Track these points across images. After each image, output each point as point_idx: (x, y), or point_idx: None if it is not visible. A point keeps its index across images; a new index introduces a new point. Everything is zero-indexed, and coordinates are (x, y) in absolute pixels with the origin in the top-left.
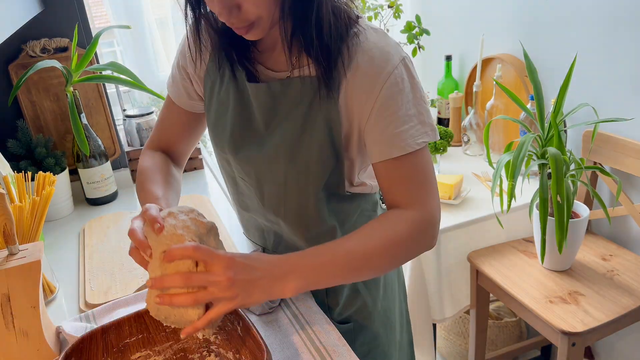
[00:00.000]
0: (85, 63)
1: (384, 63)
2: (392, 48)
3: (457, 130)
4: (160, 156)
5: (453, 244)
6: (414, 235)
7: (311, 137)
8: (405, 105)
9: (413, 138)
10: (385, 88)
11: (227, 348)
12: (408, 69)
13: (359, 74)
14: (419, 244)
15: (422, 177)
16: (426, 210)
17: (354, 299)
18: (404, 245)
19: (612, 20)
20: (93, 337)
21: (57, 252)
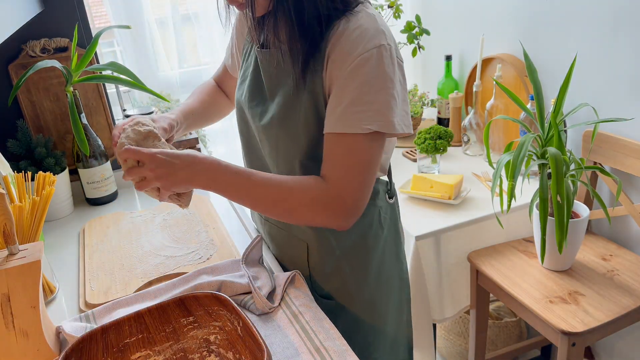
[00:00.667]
0: (85, 63)
1: (358, 45)
2: (373, 33)
3: (457, 130)
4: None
5: (453, 244)
6: (310, 202)
7: (299, 106)
8: (364, 89)
9: (360, 122)
10: (351, 67)
11: (227, 348)
12: (381, 57)
13: (337, 50)
14: (314, 214)
15: (353, 162)
16: (336, 190)
17: (335, 276)
18: (297, 204)
19: (612, 20)
20: (93, 337)
21: (57, 252)
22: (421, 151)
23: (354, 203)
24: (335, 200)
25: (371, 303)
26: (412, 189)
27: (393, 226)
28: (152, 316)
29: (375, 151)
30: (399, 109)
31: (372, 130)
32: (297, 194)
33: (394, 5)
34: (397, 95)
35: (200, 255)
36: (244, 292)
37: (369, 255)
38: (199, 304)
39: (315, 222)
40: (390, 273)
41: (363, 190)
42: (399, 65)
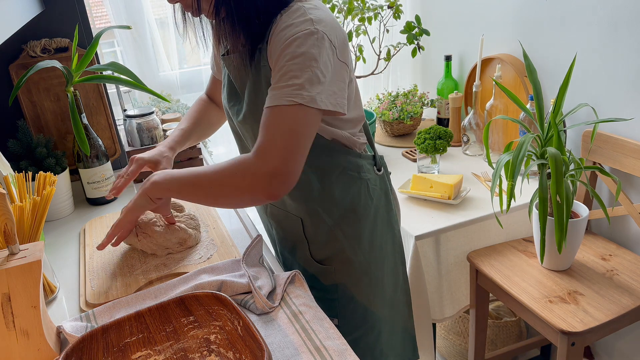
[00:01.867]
0: (86, 63)
1: (287, 32)
2: (303, 22)
3: (457, 130)
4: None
5: (453, 244)
6: (232, 172)
7: (261, 97)
8: (289, 67)
9: (286, 96)
10: (280, 49)
11: (227, 348)
12: (307, 38)
13: (273, 41)
14: (237, 184)
15: (279, 130)
16: (259, 158)
17: (332, 243)
18: (223, 178)
19: (612, 20)
20: (93, 336)
21: (57, 251)
22: (421, 151)
23: (278, 167)
24: (260, 167)
25: (367, 267)
26: (411, 188)
27: (384, 195)
28: (152, 316)
29: (300, 122)
30: (325, 87)
31: (294, 102)
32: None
33: (394, 6)
34: (322, 74)
35: (200, 255)
36: (244, 292)
37: (360, 224)
38: (199, 303)
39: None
40: (383, 238)
41: (288, 157)
42: (333, 49)
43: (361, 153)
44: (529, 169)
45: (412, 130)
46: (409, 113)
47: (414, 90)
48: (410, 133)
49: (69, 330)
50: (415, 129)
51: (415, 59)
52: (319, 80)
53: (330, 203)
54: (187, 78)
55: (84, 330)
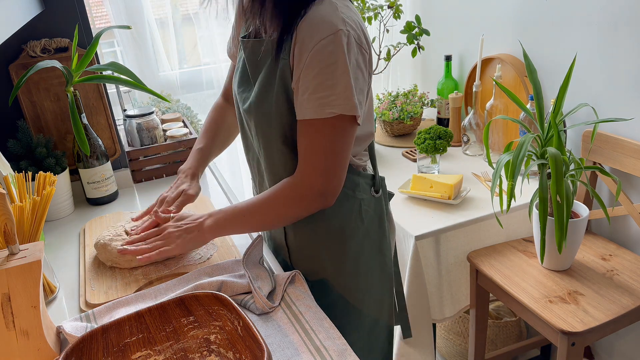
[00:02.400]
0: (86, 63)
1: (317, 32)
2: (332, 20)
3: (457, 131)
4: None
5: (453, 244)
6: (283, 201)
7: (271, 91)
8: (324, 75)
9: (322, 107)
10: (310, 55)
11: (227, 348)
12: (339, 42)
13: (299, 39)
14: (296, 209)
15: (317, 147)
16: (303, 181)
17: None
18: (276, 209)
19: (612, 20)
20: (93, 336)
21: (57, 252)
22: (421, 151)
23: (324, 186)
24: (305, 189)
25: (347, 290)
26: (412, 189)
27: (377, 219)
28: (152, 316)
29: (339, 134)
30: (358, 92)
31: (335, 113)
32: (275, 202)
33: (394, 6)
34: (356, 79)
35: (200, 255)
36: (244, 292)
37: (346, 245)
38: (199, 303)
39: (302, 214)
40: (370, 265)
41: (331, 173)
42: (361, 52)
43: (360, 171)
44: (529, 169)
45: (412, 130)
46: (409, 113)
47: (414, 90)
48: (410, 133)
49: (69, 330)
50: (415, 129)
51: (415, 59)
52: (355, 85)
53: (318, 218)
54: (187, 78)
55: (84, 330)
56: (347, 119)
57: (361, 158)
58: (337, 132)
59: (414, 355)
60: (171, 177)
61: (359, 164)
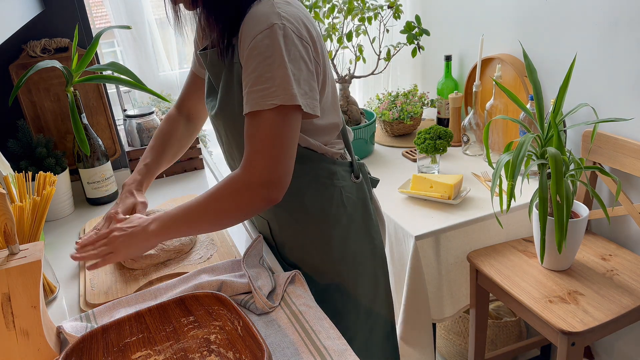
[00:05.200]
0: (86, 63)
1: (253, 27)
2: (267, 15)
3: (457, 131)
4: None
5: (453, 243)
6: (227, 194)
7: (232, 94)
8: (262, 68)
9: (263, 99)
10: (248, 49)
11: (227, 348)
12: (274, 35)
13: (241, 37)
14: (236, 203)
15: (261, 137)
16: (247, 171)
17: (300, 248)
18: (221, 202)
19: (612, 20)
20: (93, 336)
21: (57, 251)
22: (421, 151)
23: (268, 174)
24: (249, 182)
25: (338, 275)
26: (411, 189)
27: (361, 204)
28: (152, 316)
29: (282, 125)
30: (300, 84)
31: (275, 104)
32: (219, 197)
33: (394, 6)
34: (296, 70)
35: (200, 255)
36: (244, 292)
37: (329, 231)
38: (199, 303)
39: (249, 209)
40: (359, 249)
41: (275, 165)
42: (302, 44)
43: (336, 160)
44: (529, 169)
45: (412, 130)
46: (409, 113)
47: (414, 90)
48: (410, 133)
49: (69, 330)
50: (415, 129)
51: (415, 59)
52: (294, 77)
53: (298, 209)
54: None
55: (84, 330)
56: (290, 109)
57: (334, 146)
58: (279, 122)
59: (414, 355)
60: (171, 177)
61: (334, 152)
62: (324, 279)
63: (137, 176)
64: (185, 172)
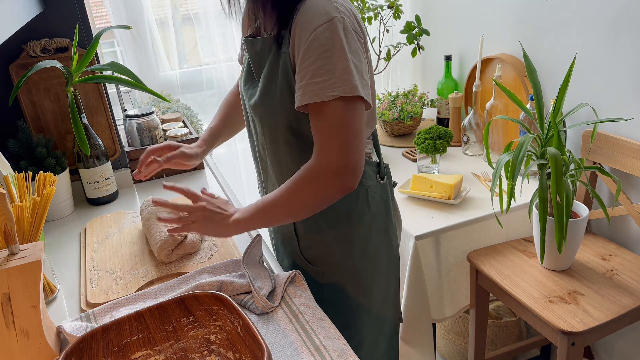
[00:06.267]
0: (86, 63)
1: (312, 20)
2: (326, 8)
3: (457, 130)
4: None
5: (453, 243)
6: (303, 184)
7: (275, 85)
8: (322, 60)
9: (324, 90)
10: (308, 42)
11: (227, 348)
12: (334, 27)
13: (297, 30)
14: (313, 193)
15: (329, 127)
16: (321, 160)
17: (322, 244)
18: (298, 193)
19: (612, 20)
20: (93, 336)
21: (57, 252)
22: (421, 151)
23: (341, 161)
24: (324, 170)
25: (356, 274)
26: (411, 188)
27: (383, 205)
28: (152, 316)
29: (347, 115)
30: (361, 75)
31: (336, 95)
32: (295, 188)
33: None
34: (356, 62)
35: (200, 255)
36: (244, 292)
37: (353, 230)
38: (199, 303)
39: (326, 198)
40: (377, 248)
41: (347, 151)
42: (357, 37)
43: (365, 159)
44: (529, 169)
45: (412, 130)
46: (409, 113)
47: (414, 90)
48: (410, 133)
49: (69, 330)
50: (415, 129)
51: (415, 59)
52: (356, 68)
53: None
54: (187, 78)
55: (84, 330)
56: (351, 100)
57: (366, 146)
58: (344, 112)
59: (414, 355)
60: (171, 177)
61: (365, 151)
62: (342, 278)
63: (201, 137)
64: (185, 172)
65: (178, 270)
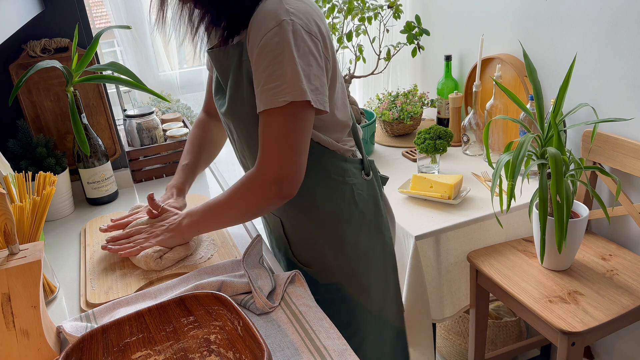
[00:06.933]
0: (86, 63)
1: (262, 25)
2: (276, 11)
3: (457, 130)
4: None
5: (453, 243)
6: (244, 192)
7: (241, 92)
8: (273, 66)
9: (276, 95)
10: (259, 48)
11: (227, 348)
12: (284, 32)
13: (250, 36)
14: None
15: (274, 135)
16: (259, 170)
17: (312, 245)
18: (240, 200)
19: (612, 20)
20: (93, 336)
21: (57, 252)
22: (421, 151)
23: (279, 171)
24: (261, 176)
25: (351, 272)
26: (411, 188)
27: (372, 201)
28: (152, 316)
29: (293, 121)
30: (310, 80)
31: (286, 101)
32: (237, 194)
33: (394, 6)
34: (306, 66)
35: (200, 255)
36: (244, 292)
37: (342, 228)
38: (199, 303)
39: (262, 205)
40: (370, 245)
41: (286, 158)
42: (312, 39)
43: (347, 157)
44: (529, 169)
45: (412, 130)
46: (409, 113)
47: (414, 90)
48: (410, 133)
49: (69, 330)
50: (415, 129)
51: (415, 59)
52: (304, 72)
53: (310, 206)
54: (187, 78)
55: (84, 330)
56: (301, 105)
57: (345, 144)
58: (291, 119)
59: (414, 355)
60: (171, 177)
61: (345, 149)
62: (336, 277)
63: (180, 178)
64: None
65: (178, 271)
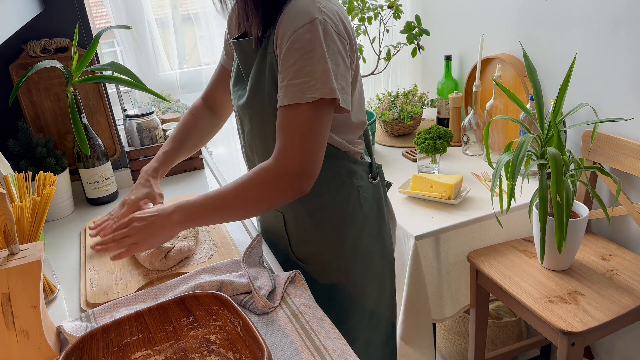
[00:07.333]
0: (86, 63)
1: (294, 21)
2: (309, 9)
3: (457, 130)
4: (193, 110)
5: (453, 243)
6: (258, 184)
7: (262, 85)
8: (303, 61)
9: (304, 91)
10: (289, 42)
11: (227, 348)
12: (316, 30)
13: (280, 30)
14: (266, 193)
15: (298, 129)
16: (279, 162)
17: (312, 243)
18: (250, 192)
19: (612, 20)
20: (93, 336)
21: (57, 251)
22: (421, 151)
23: (301, 165)
24: (281, 169)
25: (347, 274)
26: (411, 188)
27: (376, 205)
28: (152, 316)
29: (317, 119)
30: (338, 79)
31: (315, 98)
32: (250, 186)
33: (394, 6)
34: (335, 65)
35: (200, 255)
36: (244, 292)
37: (344, 229)
38: (199, 303)
39: (277, 199)
40: (369, 249)
41: (308, 153)
42: (340, 40)
43: (357, 159)
44: (529, 169)
45: (412, 130)
46: (409, 113)
47: (414, 90)
48: (410, 133)
49: (69, 330)
50: (415, 129)
51: (415, 59)
52: (333, 71)
53: (315, 205)
54: (187, 78)
55: (84, 330)
56: (327, 102)
57: (356, 146)
58: (316, 115)
59: (414, 355)
60: (171, 177)
61: (356, 151)
62: (333, 277)
63: (155, 164)
64: (185, 172)
65: (178, 271)
